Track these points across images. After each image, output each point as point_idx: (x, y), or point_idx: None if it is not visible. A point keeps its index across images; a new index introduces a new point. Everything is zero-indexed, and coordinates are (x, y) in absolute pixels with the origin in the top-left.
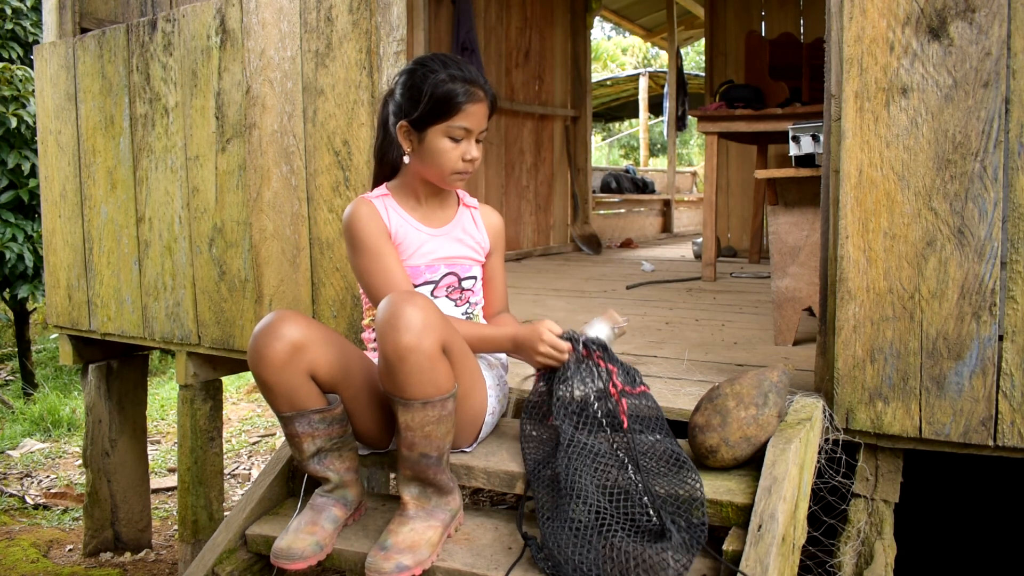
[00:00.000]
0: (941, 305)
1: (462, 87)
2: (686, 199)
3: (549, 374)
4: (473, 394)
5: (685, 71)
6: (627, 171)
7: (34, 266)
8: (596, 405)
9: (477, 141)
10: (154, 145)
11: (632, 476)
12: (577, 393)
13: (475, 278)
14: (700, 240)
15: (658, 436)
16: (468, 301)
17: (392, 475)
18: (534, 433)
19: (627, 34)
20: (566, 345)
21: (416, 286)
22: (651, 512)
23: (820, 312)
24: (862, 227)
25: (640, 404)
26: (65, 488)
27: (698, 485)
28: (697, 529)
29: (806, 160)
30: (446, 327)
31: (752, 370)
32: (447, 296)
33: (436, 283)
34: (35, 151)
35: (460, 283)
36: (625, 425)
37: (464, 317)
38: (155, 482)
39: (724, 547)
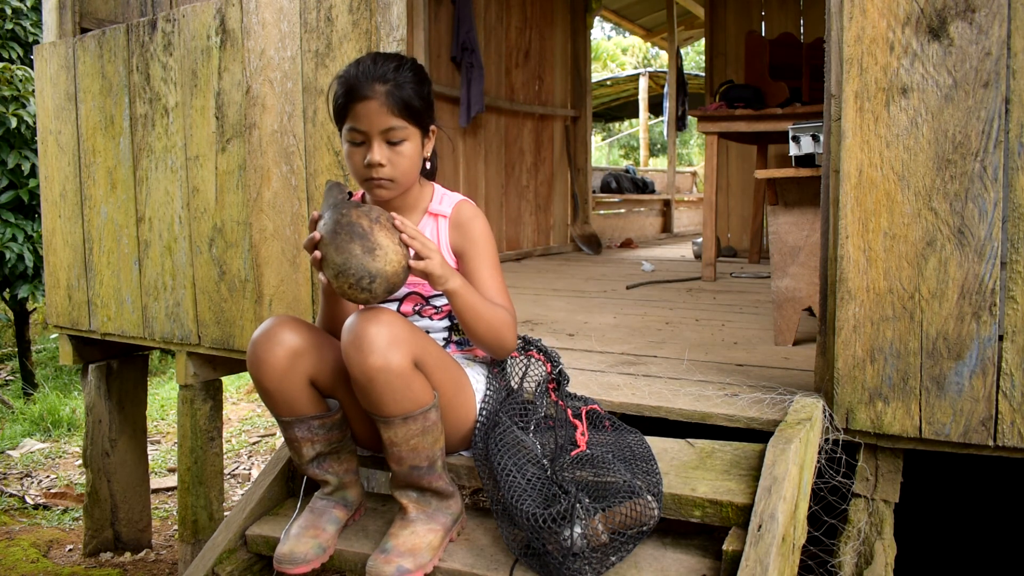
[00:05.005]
0: (941, 305)
1: (343, 86)
2: (686, 199)
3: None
4: (459, 400)
5: (685, 71)
6: (627, 171)
7: (34, 266)
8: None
9: (392, 143)
10: (154, 145)
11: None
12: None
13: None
14: (700, 240)
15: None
16: (448, 313)
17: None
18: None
19: (627, 34)
20: None
21: None
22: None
23: (820, 312)
24: (862, 227)
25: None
26: (65, 488)
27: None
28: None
29: (806, 160)
30: (416, 339)
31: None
32: (419, 314)
33: (400, 301)
34: (35, 151)
35: (427, 301)
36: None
37: (445, 330)
38: (155, 482)
39: (724, 547)
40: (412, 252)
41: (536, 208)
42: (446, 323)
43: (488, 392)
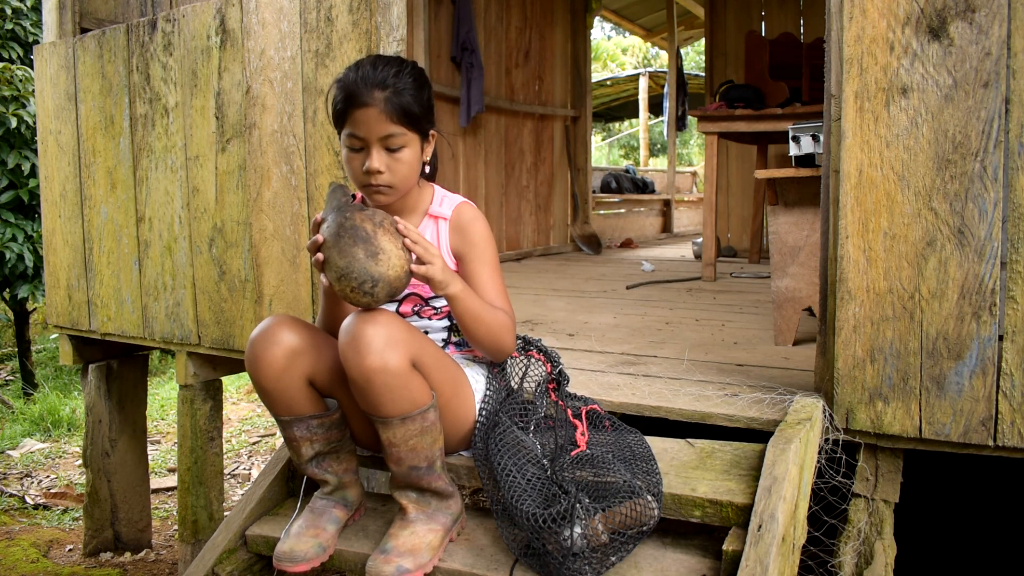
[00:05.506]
0: (941, 305)
1: (343, 91)
2: (686, 199)
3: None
4: (458, 400)
5: (685, 71)
6: (627, 171)
7: (34, 266)
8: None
9: (391, 150)
10: (154, 145)
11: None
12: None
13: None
14: (700, 240)
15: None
16: (447, 314)
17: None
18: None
19: (627, 34)
20: None
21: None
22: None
23: (820, 312)
24: (862, 227)
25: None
26: (65, 488)
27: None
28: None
29: (806, 160)
30: (413, 340)
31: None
32: (417, 314)
33: (399, 302)
34: (35, 151)
35: (426, 302)
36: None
37: (444, 330)
38: (155, 482)
39: (724, 547)
40: (414, 256)
41: (536, 208)
42: (445, 323)
43: (488, 392)
